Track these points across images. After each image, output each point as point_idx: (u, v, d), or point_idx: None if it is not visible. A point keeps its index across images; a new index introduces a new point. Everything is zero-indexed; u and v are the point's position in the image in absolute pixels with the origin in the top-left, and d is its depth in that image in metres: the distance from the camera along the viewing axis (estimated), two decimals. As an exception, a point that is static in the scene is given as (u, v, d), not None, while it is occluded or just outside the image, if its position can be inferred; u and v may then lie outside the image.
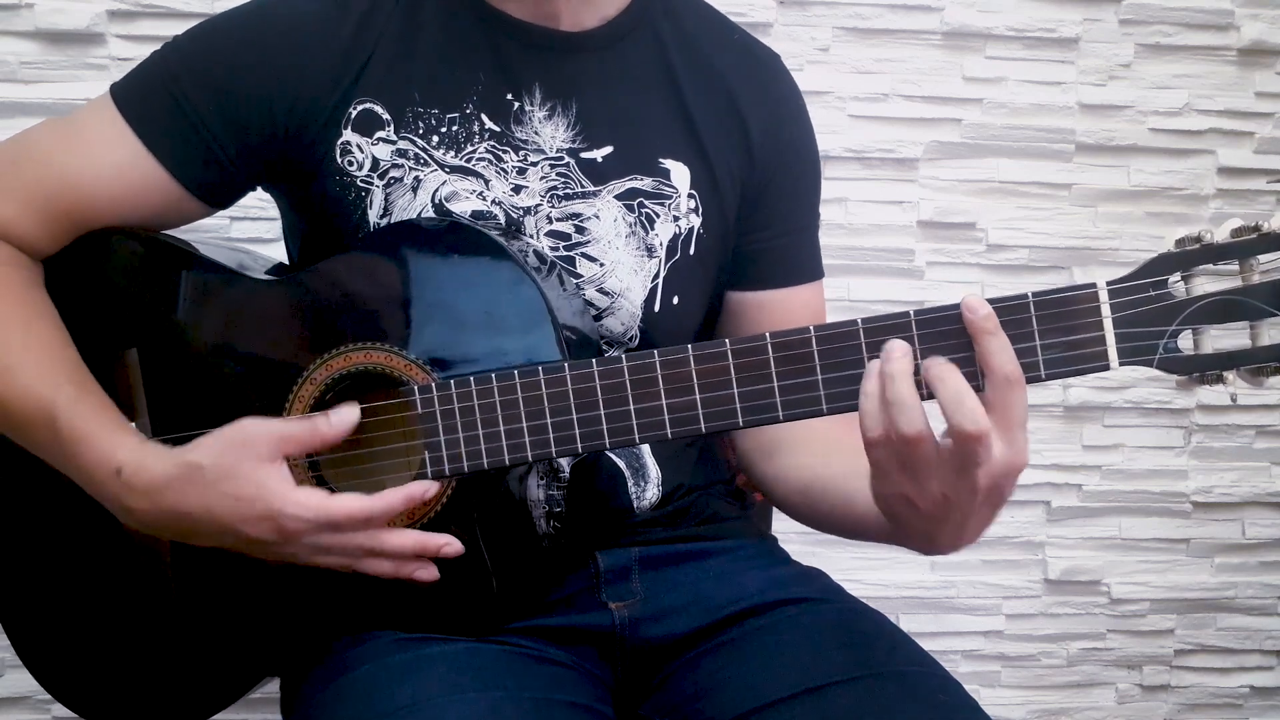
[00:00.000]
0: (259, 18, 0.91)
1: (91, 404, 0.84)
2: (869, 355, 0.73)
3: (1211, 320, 0.71)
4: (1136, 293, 0.71)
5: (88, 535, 0.92)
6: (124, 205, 0.89)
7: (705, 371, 0.77)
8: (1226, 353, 0.71)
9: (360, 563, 0.82)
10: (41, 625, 0.95)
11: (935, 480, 0.71)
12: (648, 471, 0.94)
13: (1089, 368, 0.72)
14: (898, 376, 0.70)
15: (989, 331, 0.71)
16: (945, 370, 0.70)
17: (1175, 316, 0.71)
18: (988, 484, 0.71)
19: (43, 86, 1.37)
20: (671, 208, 0.93)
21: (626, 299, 0.92)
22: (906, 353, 0.71)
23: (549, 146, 0.91)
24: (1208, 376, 0.72)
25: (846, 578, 0.99)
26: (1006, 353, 0.71)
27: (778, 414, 0.76)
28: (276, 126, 0.89)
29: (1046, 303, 0.72)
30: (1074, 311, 0.72)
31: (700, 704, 0.85)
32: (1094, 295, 0.72)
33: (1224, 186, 1.54)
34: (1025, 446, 0.72)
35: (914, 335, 0.73)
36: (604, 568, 0.92)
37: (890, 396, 0.70)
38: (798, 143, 1.01)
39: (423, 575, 0.82)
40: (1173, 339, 0.71)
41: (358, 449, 0.86)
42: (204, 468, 0.79)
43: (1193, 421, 1.61)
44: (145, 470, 0.81)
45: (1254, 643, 1.67)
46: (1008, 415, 0.71)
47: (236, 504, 0.79)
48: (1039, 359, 0.72)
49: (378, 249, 0.87)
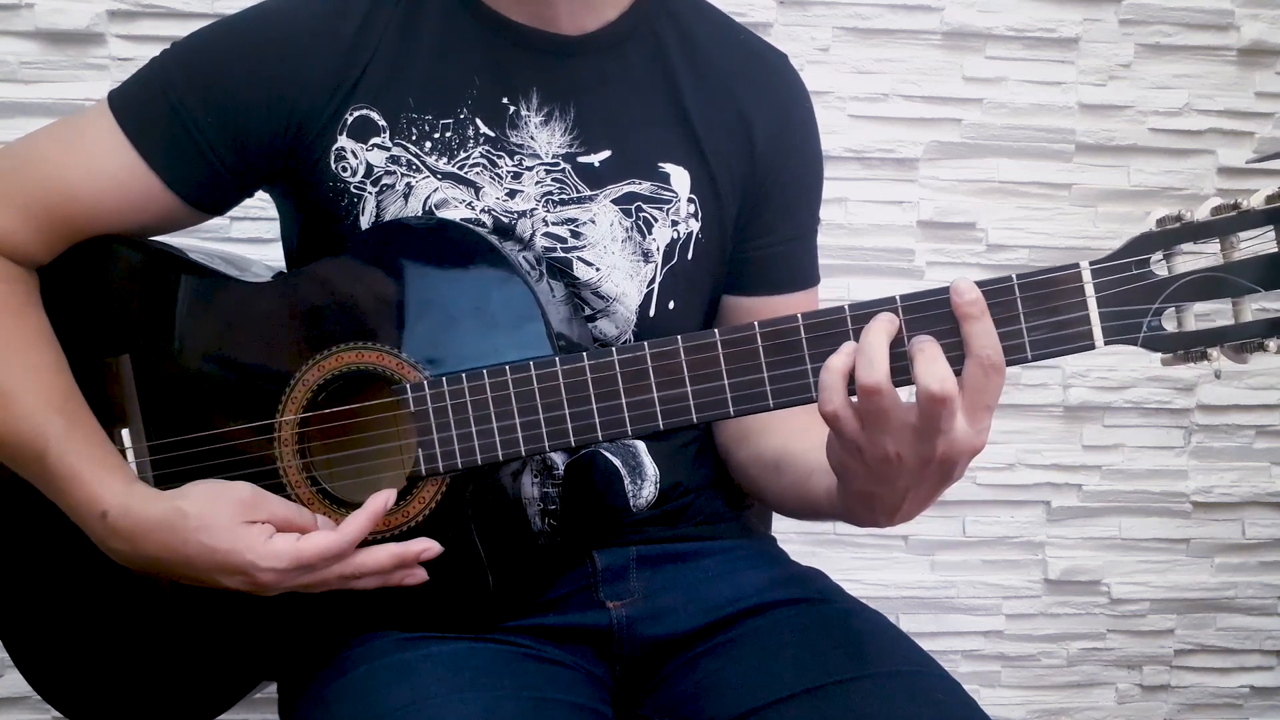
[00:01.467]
0: (257, 26, 0.90)
1: (81, 438, 0.85)
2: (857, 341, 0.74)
3: (1194, 298, 0.72)
4: (1119, 272, 0.72)
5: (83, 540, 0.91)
6: (122, 214, 0.89)
7: (695, 362, 0.77)
8: (1210, 330, 0.72)
9: (345, 585, 0.83)
10: (37, 631, 0.95)
11: (891, 437, 0.72)
12: (645, 470, 0.94)
13: (1075, 347, 0.73)
14: (872, 330, 0.72)
15: (974, 316, 0.71)
16: (927, 343, 0.72)
17: (1158, 295, 0.72)
18: (943, 454, 0.71)
19: (43, 86, 1.37)
20: (670, 212, 0.93)
21: (622, 303, 0.92)
22: (891, 319, 0.72)
23: (544, 151, 0.91)
24: (1192, 354, 0.73)
25: (846, 578, 0.99)
26: (989, 338, 0.71)
27: (768, 402, 0.76)
28: (274, 135, 0.89)
29: (1031, 284, 0.73)
30: (1058, 292, 0.73)
31: (699, 703, 0.85)
32: (1077, 275, 0.73)
33: (1224, 186, 1.54)
34: (987, 431, 0.73)
35: (901, 321, 0.73)
36: (601, 567, 0.92)
37: (861, 345, 0.72)
38: (803, 148, 1.00)
39: (410, 580, 0.83)
40: (1156, 317, 0.72)
41: (352, 449, 0.86)
42: (188, 515, 0.81)
43: (1193, 421, 1.61)
44: (129, 515, 0.82)
45: (1254, 643, 1.67)
46: (979, 396, 0.71)
47: (213, 556, 0.80)
48: (1025, 340, 0.73)
49: (367, 249, 0.87)
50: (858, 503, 0.79)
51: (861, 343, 0.72)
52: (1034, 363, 0.74)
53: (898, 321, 0.73)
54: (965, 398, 0.71)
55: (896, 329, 0.73)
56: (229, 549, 0.79)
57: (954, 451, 0.72)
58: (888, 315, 0.73)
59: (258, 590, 0.81)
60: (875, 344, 0.71)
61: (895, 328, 0.73)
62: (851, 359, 0.72)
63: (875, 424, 0.72)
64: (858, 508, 0.80)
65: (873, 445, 0.72)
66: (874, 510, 0.78)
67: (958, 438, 0.71)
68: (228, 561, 0.80)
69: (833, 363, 0.73)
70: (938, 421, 0.70)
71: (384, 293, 0.85)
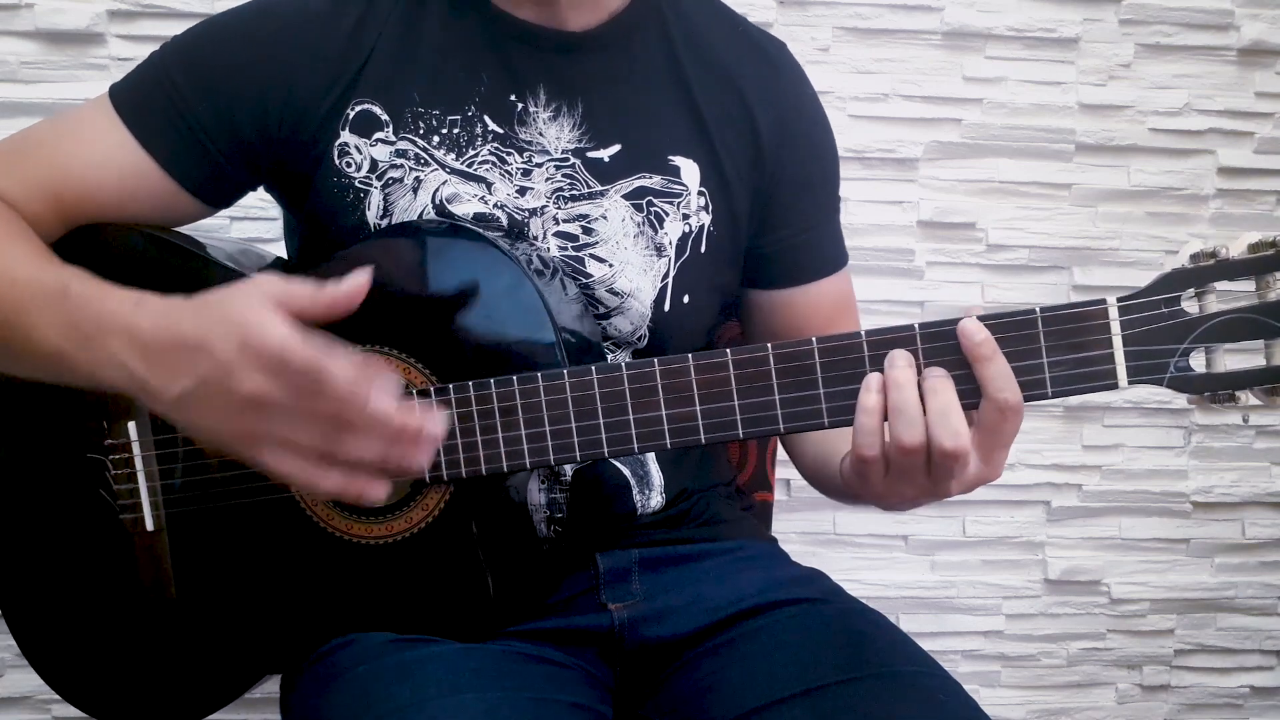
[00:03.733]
0: (256, 16, 0.91)
1: (99, 280, 0.80)
2: (872, 368, 0.73)
3: (1225, 339, 0.69)
4: (1148, 309, 0.70)
5: (91, 533, 0.92)
6: (122, 201, 0.89)
7: (706, 381, 0.76)
8: (1240, 372, 0.70)
9: (337, 443, 0.72)
10: (45, 621, 0.95)
11: (911, 486, 0.73)
12: (652, 479, 0.94)
13: (1097, 386, 0.71)
14: (904, 385, 0.70)
15: (985, 358, 0.70)
16: (940, 383, 0.71)
17: (1187, 335, 0.69)
18: (957, 491, 0.73)
19: (43, 86, 1.37)
20: (681, 206, 0.93)
21: (636, 299, 0.91)
22: (910, 362, 0.71)
23: (554, 147, 0.91)
24: (1219, 396, 0.70)
25: (846, 578, 0.99)
26: (1003, 379, 0.70)
27: (778, 426, 0.75)
28: (270, 125, 0.89)
29: (1055, 319, 0.71)
30: (1083, 328, 0.71)
31: (700, 704, 0.85)
32: (1104, 312, 0.71)
33: (1224, 186, 1.54)
34: (1002, 464, 0.72)
35: (919, 349, 0.72)
36: (604, 569, 0.92)
37: (895, 403, 0.70)
38: (809, 134, 1.00)
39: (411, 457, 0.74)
40: (1184, 357, 0.70)
41: None
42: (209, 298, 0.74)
43: (1193, 421, 1.61)
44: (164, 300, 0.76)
45: (1254, 643, 1.67)
46: (994, 437, 0.71)
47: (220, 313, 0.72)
48: (1046, 376, 0.71)
49: (377, 251, 0.86)
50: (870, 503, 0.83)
51: (895, 400, 0.71)
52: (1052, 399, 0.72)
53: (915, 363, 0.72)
54: (980, 437, 0.71)
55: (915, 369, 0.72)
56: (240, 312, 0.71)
57: (966, 487, 0.73)
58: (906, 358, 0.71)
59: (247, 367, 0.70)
60: (912, 402, 0.70)
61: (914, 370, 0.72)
62: (883, 398, 0.72)
63: (901, 475, 0.72)
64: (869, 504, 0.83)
65: (891, 490, 0.74)
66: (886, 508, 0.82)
67: (970, 476, 0.72)
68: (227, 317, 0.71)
69: (868, 403, 0.72)
70: (950, 472, 0.71)
71: (393, 296, 0.84)
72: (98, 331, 0.77)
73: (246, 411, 0.72)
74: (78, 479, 0.91)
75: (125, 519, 0.91)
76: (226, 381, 0.71)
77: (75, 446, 0.91)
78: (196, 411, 0.74)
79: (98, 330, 0.77)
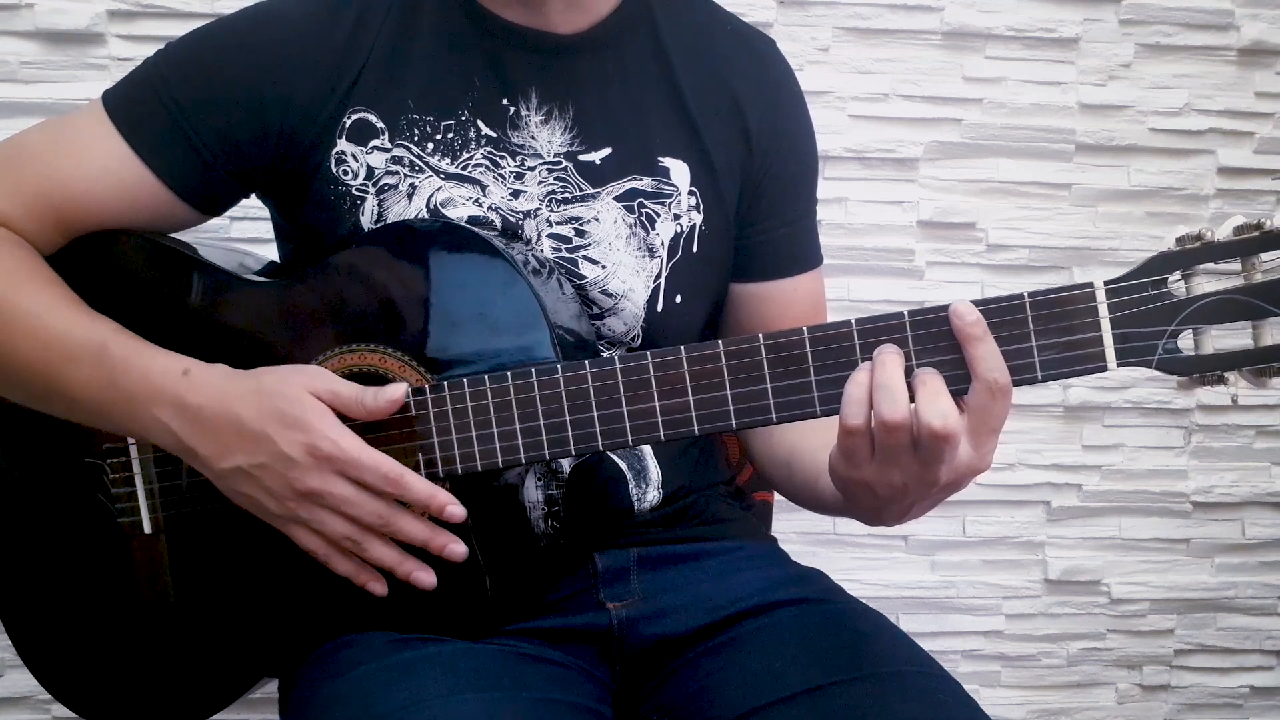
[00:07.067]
0: (250, 24, 0.90)
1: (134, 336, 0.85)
2: (863, 357, 0.73)
3: (1212, 320, 0.70)
4: (1135, 292, 0.71)
5: (89, 537, 0.92)
6: (116, 209, 0.89)
7: (698, 373, 0.76)
8: (1228, 353, 0.70)
9: (367, 540, 0.81)
10: (42, 625, 0.95)
11: (899, 470, 0.72)
12: (649, 474, 0.94)
13: (1086, 369, 0.72)
14: (889, 364, 0.71)
15: (976, 338, 0.71)
16: (930, 375, 0.71)
17: (1175, 316, 0.70)
18: (947, 480, 0.72)
19: (43, 86, 1.37)
20: (672, 206, 0.93)
21: (629, 300, 0.92)
22: (897, 351, 0.72)
23: (546, 151, 0.91)
24: (1208, 377, 0.71)
25: (846, 578, 0.99)
26: (993, 359, 0.71)
27: (771, 415, 0.76)
28: (266, 132, 0.89)
29: (1043, 303, 0.71)
30: (1071, 312, 0.71)
31: (699, 704, 0.85)
32: (1091, 295, 0.71)
33: (1224, 186, 1.54)
34: (992, 453, 0.72)
35: (908, 336, 0.73)
36: (602, 568, 0.92)
37: (879, 380, 0.71)
38: (795, 132, 1.00)
39: (421, 577, 0.83)
40: (1172, 339, 0.70)
41: None
42: (262, 381, 0.80)
43: (1193, 421, 1.61)
44: (213, 371, 0.82)
45: (1254, 643, 1.67)
46: (984, 421, 0.71)
47: (280, 411, 0.78)
48: (1035, 360, 0.72)
49: (371, 250, 0.87)
50: (863, 513, 0.82)
51: (880, 377, 0.71)
52: (1043, 383, 0.72)
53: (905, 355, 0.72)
54: (970, 421, 0.71)
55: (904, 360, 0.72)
56: (299, 411, 0.78)
57: (957, 476, 0.73)
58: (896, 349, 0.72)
59: (307, 464, 0.78)
60: (896, 377, 0.71)
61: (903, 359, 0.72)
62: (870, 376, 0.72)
63: (888, 458, 0.72)
64: (863, 516, 0.82)
65: (880, 476, 0.73)
66: (880, 517, 0.80)
67: (961, 463, 0.71)
68: (290, 414, 0.78)
69: (859, 377, 0.72)
70: (940, 455, 0.70)
71: (387, 294, 0.84)
72: (144, 396, 0.82)
73: (302, 500, 0.80)
74: (75, 483, 0.91)
75: (123, 522, 0.91)
76: (287, 474, 0.79)
77: (73, 450, 0.91)
78: (245, 484, 0.81)
79: (144, 394, 0.82)
